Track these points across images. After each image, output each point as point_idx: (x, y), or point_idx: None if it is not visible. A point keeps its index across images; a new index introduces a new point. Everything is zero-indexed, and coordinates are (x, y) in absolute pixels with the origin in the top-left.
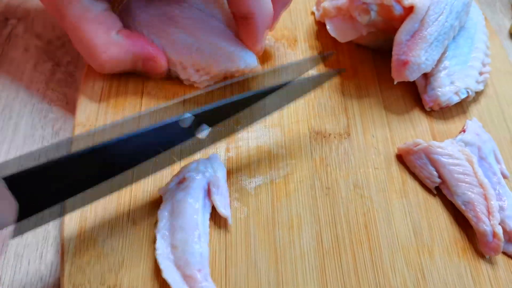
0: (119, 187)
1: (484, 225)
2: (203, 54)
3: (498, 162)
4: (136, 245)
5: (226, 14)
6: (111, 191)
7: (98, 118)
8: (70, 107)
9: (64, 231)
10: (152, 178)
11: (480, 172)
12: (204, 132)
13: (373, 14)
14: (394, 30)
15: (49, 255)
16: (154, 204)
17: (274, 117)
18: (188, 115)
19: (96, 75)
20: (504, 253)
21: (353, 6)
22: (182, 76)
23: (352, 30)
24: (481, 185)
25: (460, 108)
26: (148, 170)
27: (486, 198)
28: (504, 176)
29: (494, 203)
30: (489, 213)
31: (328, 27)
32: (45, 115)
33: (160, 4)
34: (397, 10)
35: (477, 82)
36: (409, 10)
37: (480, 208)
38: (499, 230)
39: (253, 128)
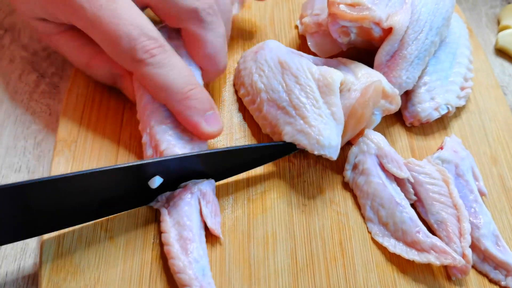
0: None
1: (454, 246)
2: None
3: (476, 179)
4: (112, 261)
5: None
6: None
7: (79, 135)
8: (52, 118)
9: (43, 246)
10: None
11: (455, 193)
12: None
13: (352, 36)
14: (375, 48)
15: (27, 267)
16: (132, 221)
17: (253, 130)
18: (158, 179)
19: (80, 89)
20: (480, 272)
21: (333, 28)
22: None
23: (333, 46)
24: (455, 206)
25: (441, 123)
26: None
27: (459, 220)
28: (482, 194)
29: (467, 226)
30: (461, 234)
31: (309, 42)
32: (28, 126)
33: None
34: (376, 32)
35: (458, 97)
36: (388, 31)
37: (453, 228)
38: (469, 252)
39: (232, 144)
